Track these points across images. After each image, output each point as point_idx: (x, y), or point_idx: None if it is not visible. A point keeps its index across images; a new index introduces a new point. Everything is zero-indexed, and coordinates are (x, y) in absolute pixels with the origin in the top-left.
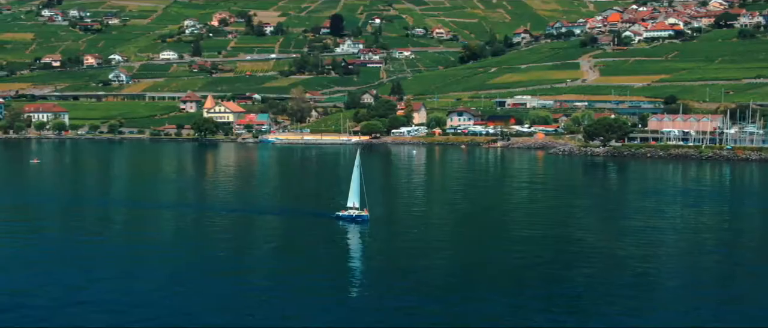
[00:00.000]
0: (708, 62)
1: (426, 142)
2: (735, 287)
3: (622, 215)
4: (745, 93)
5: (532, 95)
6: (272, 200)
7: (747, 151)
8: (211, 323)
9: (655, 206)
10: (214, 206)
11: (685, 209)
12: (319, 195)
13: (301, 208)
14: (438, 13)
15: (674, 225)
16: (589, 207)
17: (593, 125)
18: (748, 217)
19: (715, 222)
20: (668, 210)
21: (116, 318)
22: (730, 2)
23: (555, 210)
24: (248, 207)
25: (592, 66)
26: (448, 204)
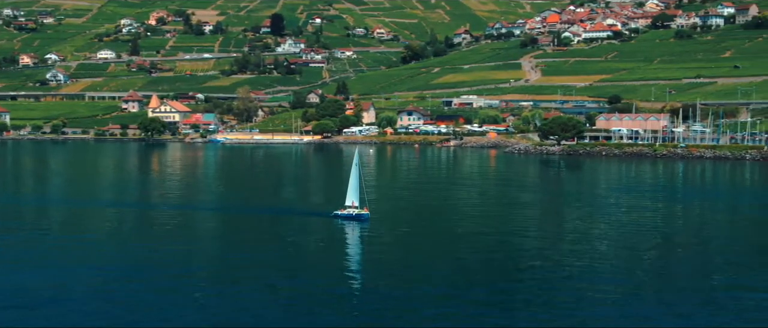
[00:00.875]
0: (647, 62)
1: (378, 141)
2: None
3: (594, 211)
4: (686, 92)
5: (477, 95)
6: (261, 200)
7: (701, 149)
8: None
9: (615, 202)
10: (214, 207)
11: (640, 205)
12: (310, 195)
13: (299, 208)
14: (378, 13)
15: (625, 221)
16: (565, 205)
17: (548, 124)
18: (699, 213)
19: (665, 218)
20: (622, 206)
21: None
22: (666, 3)
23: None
24: (239, 207)
25: (533, 66)
26: (444, 202)
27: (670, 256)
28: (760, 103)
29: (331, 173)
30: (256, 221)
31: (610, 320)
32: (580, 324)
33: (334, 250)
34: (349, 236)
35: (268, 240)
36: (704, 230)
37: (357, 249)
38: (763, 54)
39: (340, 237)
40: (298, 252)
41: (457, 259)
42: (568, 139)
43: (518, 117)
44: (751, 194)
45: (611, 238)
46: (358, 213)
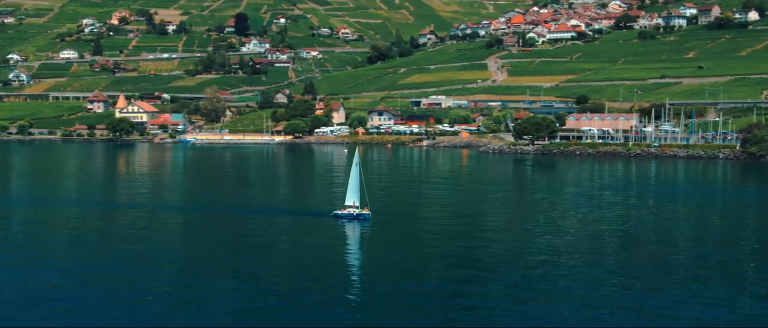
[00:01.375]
0: (611, 63)
1: (350, 141)
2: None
3: (587, 210)
4: (652, 93)
5: (446, 95)
6: (258, 200)
7: (674, 149)
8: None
9: (591, 201)
10: (218, 207)
11: (612, 203)
12: (304, 195)
13: (297, 208)
14: (342, 13)
15: (597, 218)
16: (564, 205)
17: (522, 124)
18: (671, 211)
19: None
20: (596, 204)
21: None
22: (629, 4)
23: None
24: (244, 208)
25: (499, 67)
26: (442, 202)
27: (636, 253)
28: (728, 103)
29: (317, 173)
30: (257, 221)
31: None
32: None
33: (343, 250)
34: (350, 236)
35: (277, 242)
36: (672, 226)
37: (361, 248)
38: (726, 54)
39: (343, 237)
40: (306, 253)
41: (475, 258)
42: (541, 139)
43: (488, 117)
44: (722, 192)
45: (587, 235)
46: (359, 213)
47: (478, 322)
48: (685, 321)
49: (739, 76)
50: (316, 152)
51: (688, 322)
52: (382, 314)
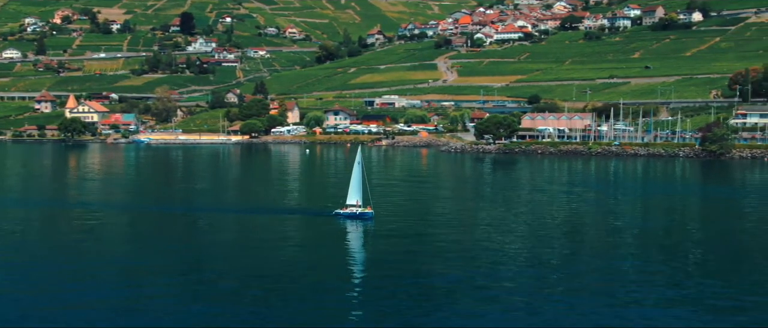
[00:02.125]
0: (559, 63)
1: (308, 141)
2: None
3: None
4: (601, 92)
5: (399, 95)
6: (259, 201)
7: (635, 147)
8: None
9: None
10: (217, 208)
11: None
12: (300, 195)
13: (298, 207)
14: (288, 12)
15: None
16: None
17: (484, 123)
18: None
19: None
20: (552, 202)
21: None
22: (574, 5)
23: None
24: (247, 208)
25: (449, 67)
26: (442, 202)
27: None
28: (679, 103)
29: (302, 172)
30: (260, 221)
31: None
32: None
33: (354, 249)
34: (353, 234)
35: (285, 242)
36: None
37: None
38: (672, 55)
39: (352, 235)
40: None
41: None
42: (502, 138)
43: (443, 117)
44: (683, 188)
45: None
46: (362, 211)
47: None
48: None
49: (686, 76)
50: (276, 152)
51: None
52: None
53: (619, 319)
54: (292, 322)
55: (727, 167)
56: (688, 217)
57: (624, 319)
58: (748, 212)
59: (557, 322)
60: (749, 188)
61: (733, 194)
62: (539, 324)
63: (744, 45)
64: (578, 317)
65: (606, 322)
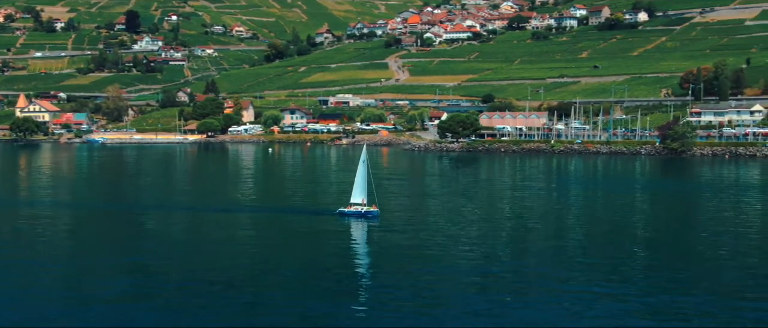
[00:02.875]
0: (508, 63)
1: (266, 140)
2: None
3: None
4: (552, 92)
5: (353, 94)
6: (259, 201)
7: (597, 145)
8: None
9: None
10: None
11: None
12: (302, 194)
13: (301, 207)
14: (234, 11)
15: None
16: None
17: (447, 122)
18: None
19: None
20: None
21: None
22: (521, 5)
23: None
24: (247, 208)
25: (400, 66)
26: (446, 202)
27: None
28: (632, 101)
29: (284, 171)
30: (263, 220)
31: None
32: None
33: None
34: (357, 234)
35: (289, 241)
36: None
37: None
38: (619, 54)
39: (350, 235)
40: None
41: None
42: (463, 137)
43: (399, 116)
44: (642, 183)
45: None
46: (367, 210)
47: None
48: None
49: (635, 75)
50: (237, 152)
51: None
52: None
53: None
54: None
55: (689, 164)
56: (651, 211)
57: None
58: (707, 207)
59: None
60: (711, 183)
61: (697, 189)
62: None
63: (690, 45)
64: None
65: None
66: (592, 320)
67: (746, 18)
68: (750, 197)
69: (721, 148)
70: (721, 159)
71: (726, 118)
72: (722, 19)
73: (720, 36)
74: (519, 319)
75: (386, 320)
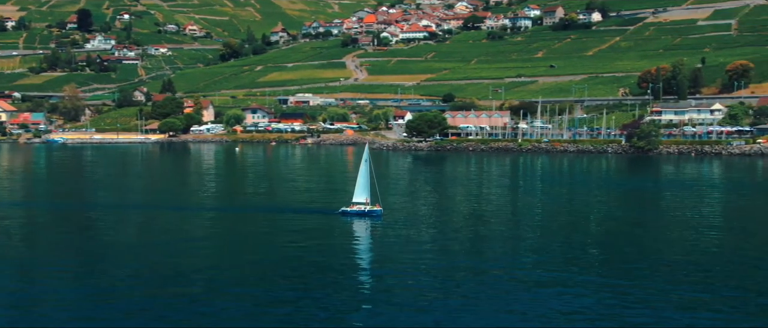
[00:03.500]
0: (465, 62)
1: (229, 139)
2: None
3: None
4: (511, 91)
5: (313, 93)
6: (263, 199)
7: (564, 144)
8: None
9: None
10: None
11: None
12: (300, 194)
13: (302, 207)
14: (187, 9)
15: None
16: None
17: (415, 121)
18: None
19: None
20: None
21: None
22: (475, 6)
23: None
24: (259, 207)
25: (358, 65)
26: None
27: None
28: (593, 100)
29: (270, 170)
30: (275, 219)
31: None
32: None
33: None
34: (359, 232)
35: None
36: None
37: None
38: (574, 54)
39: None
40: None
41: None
42: (429, 136)
43: (361, 115)
44: (607, 180)
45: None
46: (371, 209)
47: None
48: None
49: (591, 74)
50: (200, 151)
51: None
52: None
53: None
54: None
55: (656, 162)
56: (617, 206)
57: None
58: (670, 202)
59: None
60: (675, 180)
61: (662, 186)
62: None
63: (644, 44)
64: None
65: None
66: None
67: (698, 18)
68: (709, 194)
69: (686, 147)
70: (687, 157)
71: (687, 116)
72: (675, 19)
73: (673, 36)
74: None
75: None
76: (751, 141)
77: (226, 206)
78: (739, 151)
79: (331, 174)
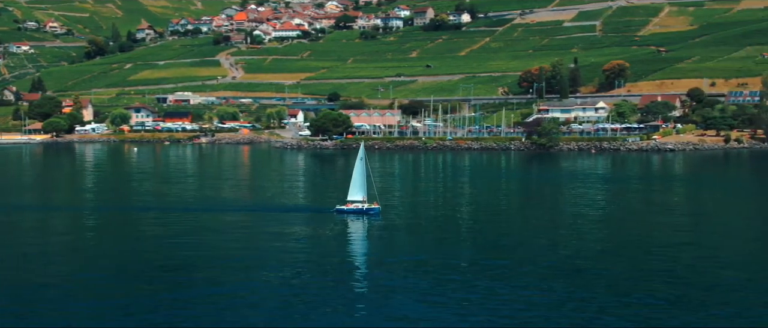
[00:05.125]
0: (342, 61)
1: (117, 139)
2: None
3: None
4: (393, 90)
5: (192, 92)
6: (262, 198)
7: (468, 141)
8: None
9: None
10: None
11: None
12: (287, 192)
13: (298, 205)
14: (46, 6)
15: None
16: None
17: (319, 120)
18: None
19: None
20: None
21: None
22: (345, 5)
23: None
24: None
25: (233, 64)
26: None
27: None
28: (479, 99)
29: (240, 170)
30: (266, 219)
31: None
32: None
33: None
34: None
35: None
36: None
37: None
38: (447, 54)
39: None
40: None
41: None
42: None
43: (247, 113)
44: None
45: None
46: (368, 207)
47: None
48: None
49: (468, 74)
50: (88, 151)
51: None
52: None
53: None
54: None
55: (557, 158)
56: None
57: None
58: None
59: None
60: (575, 173)
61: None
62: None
63: (513, 45)
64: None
65: None
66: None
67: (564, 19)
68: (595, 185)
69: (586, 143)
70: (588, 153)
71: (572, 114)
72: (541, 20)
73: (541, 37)
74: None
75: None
76: (645, 137)
77: (210, 207)
78: (636, 148)
79: (263, 172)
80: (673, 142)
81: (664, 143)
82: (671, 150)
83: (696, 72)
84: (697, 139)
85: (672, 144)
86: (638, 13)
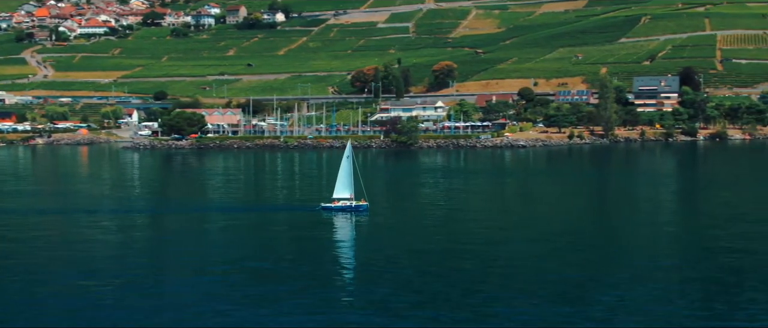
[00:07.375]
0: (156, 59)
1: None
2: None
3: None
4: (219, 89)
5: (6, 91)
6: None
7: (330, 140)
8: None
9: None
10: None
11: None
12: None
13: (283, 203)
14: None
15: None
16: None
17: (174, 119)
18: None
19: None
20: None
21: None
22: (151, 2)
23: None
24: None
25: (41, 61)
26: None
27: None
28: (317, 98)
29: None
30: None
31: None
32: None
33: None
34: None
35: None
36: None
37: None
38: (264, 53)
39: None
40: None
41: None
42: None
43: (73, 113)
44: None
45: None
46: (356, 204)
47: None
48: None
49: (293, 74)
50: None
51: None
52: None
53: None
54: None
55: (417, 154)
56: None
57: None
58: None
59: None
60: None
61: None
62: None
63: (331, 45)
64: None
65: None
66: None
67: (378, 21)
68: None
69: (444, 141)
70: (446, 150)
71: (414, 113)
72: (355, 21)
73: (357, 37)
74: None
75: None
76: (495, 134)
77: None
78: (490, 145)
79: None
80: (524, 139)
81: (516, 140)
82: (523, 146)
83: (517, 72)
84: (544, 136)
85: (523, 141)
86: (448, 16)
